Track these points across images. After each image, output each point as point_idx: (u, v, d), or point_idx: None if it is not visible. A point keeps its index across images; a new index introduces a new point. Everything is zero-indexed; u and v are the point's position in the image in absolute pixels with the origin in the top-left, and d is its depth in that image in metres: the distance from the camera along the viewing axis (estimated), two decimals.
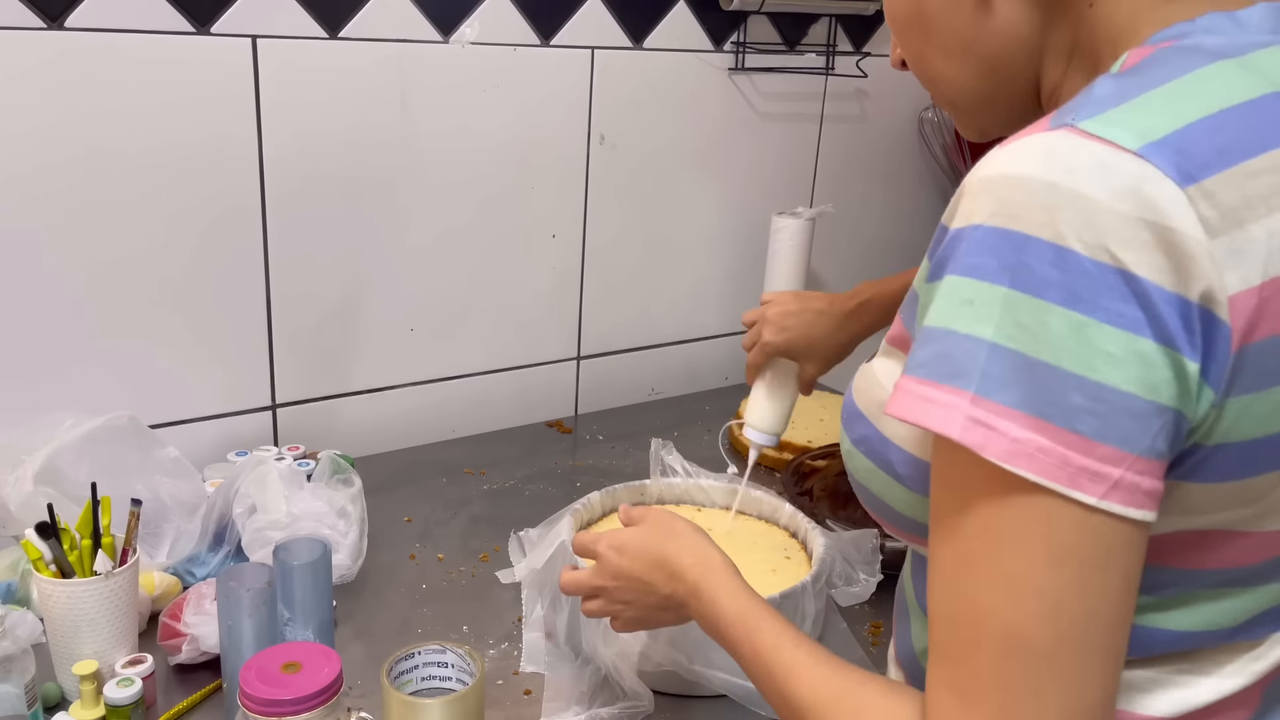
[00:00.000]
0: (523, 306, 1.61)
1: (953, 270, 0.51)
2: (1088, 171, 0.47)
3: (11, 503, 1.04)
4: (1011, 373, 0.48)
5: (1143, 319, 0.47)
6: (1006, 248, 0.48)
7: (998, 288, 0.48)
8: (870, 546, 1.15)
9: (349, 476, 1.20)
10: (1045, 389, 0.47)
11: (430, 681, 0.93)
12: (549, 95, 1.53)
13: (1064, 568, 0.49)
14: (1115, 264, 0.47)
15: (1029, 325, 0.48)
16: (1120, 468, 0.47)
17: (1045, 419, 0.47)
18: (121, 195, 1.24)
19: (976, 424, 0.48)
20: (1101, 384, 0.47)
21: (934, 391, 0.50)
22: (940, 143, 2.00)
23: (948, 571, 0.53)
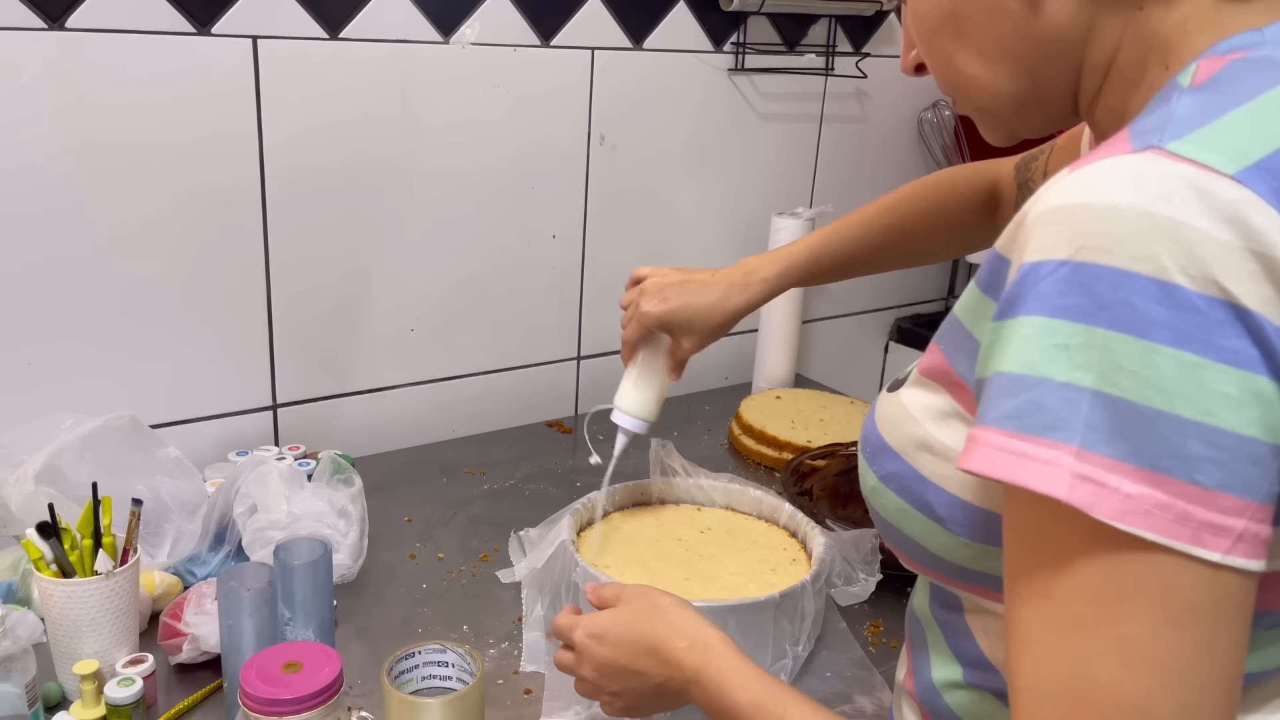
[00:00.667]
0: (522, 306, 1.61)
1: (1035, 310, 0.46)
2: (1185, 199, 0.44)
3: (12, 502, 1.04)
4: (1119, 423, 0.44)
5: (1258, 356, 0.43)
6: (1102, 285, 0.44)
7: (1095, 329, 0.44)
8: (870, 546, 1.15)
9: (349, 476, 1.20)
10: (1158, 438, 0.44)
11: (430, 681, 0.93)
12: (549, 95, 1.53)
13: (1186, 631, 0.45)
14: (1225, 298, 0.43)
15: (1135, 370, 0.44)
16: (1244, 518, 0.44)
17: (1161, 471, 0.44)
18: (121, 195, 1.25)
19: (1084, 480, 0.44)
20: (1220, 429, 0.43)
21: (1028, 446, 0.46)
22: (940, 143, 2.00)
23: (1044, 639, 0.48)
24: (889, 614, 1.16)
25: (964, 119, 1.95)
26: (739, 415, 1.60)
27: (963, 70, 0.61)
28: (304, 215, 1.38)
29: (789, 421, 1.56)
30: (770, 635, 1.00)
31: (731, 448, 1.59)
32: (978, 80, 0.61)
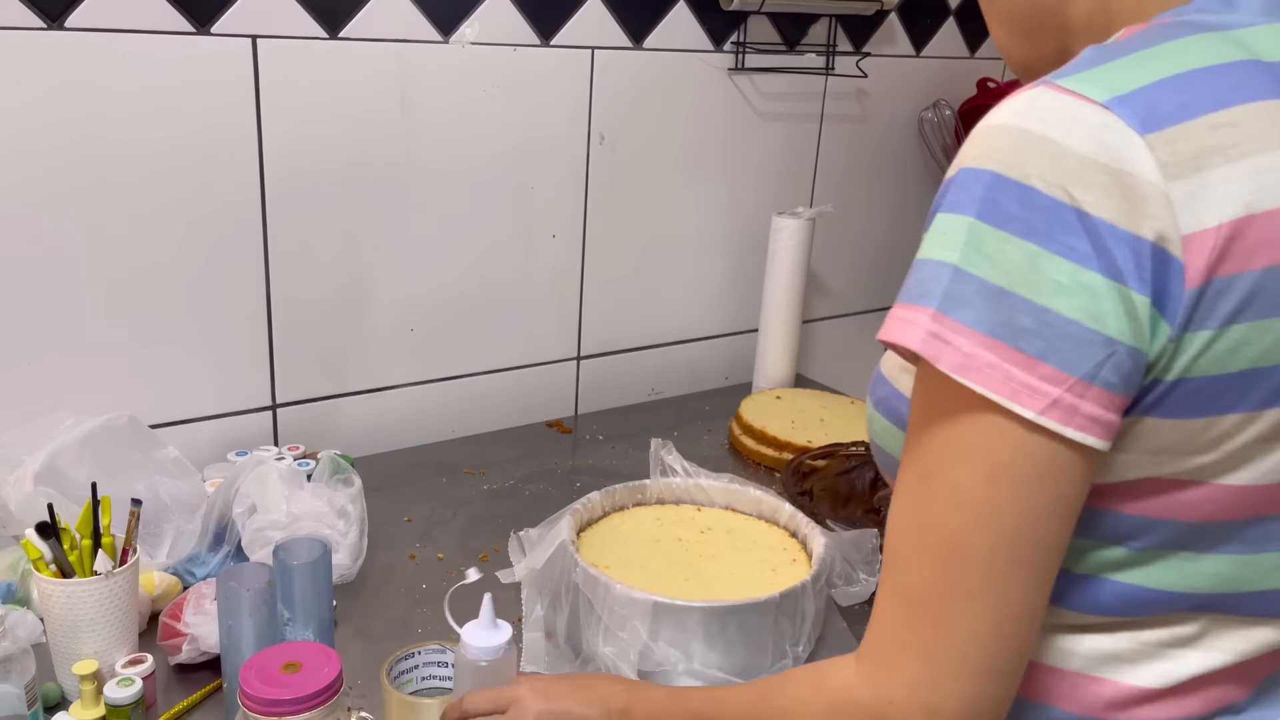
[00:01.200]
0: (523, 306, 1.61)
1: (937, 209, 0.57)
2: (1057, 121, 0.53)
3: (11, 503, 1.04)
4: (969, 295, 0.53)
5: (1092, 253, 0.51)
6: (978, 185, 0.54)
7: (965, 219, 0.54)
8: (870, 546, 1.15)
9: (349, 476, 1.20)
10: (997, 311, 0.52)
11: (430, 681, 0.93)
12: (549, 95, 1.53)
13: (1000, 485, 0.54)
14: (1072, 202, 0.52)
15: (990, 254, 0.53)
16: (1060, 388, 0.52)
17: (995, 338, 0.52)
18: (122, 195, 1.25)
19: (934, 338, 0.54)
20: (1048, 309, 0.52)
21: (905, 311, 0.56)
22: (940, 143, 2.00)
23: (906, 487, 0.58)
24: None
25: (964, 119, 1.95)
26: (739, 415, 1.60)
27: (995, 36, 0.72)
28: (304, 215, 1.38)
29: (789, 421, 1.56)
30: (770, 635, 1.00)
31: (731, 448, 1.59)
32: (1002, 46, 0.72)
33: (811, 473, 1.38)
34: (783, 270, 1.71)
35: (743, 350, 1.87)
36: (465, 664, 0.85)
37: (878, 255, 2.03)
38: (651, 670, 0.99)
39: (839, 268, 1.98)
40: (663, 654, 0.98)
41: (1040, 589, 0.56)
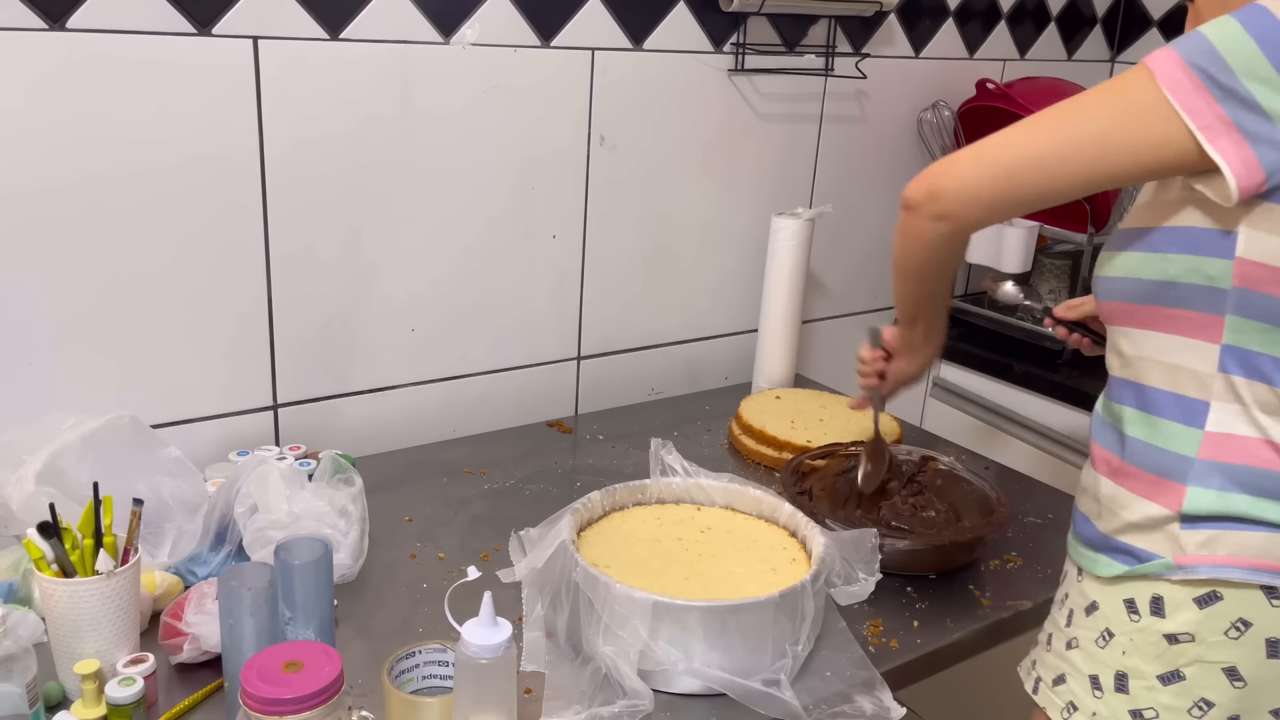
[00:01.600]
0: (523, 306, 1.61)
1: (1227, 12, 0.80)
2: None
3: (13, 502, 1.04)
4: (1206, 55, 0.78)
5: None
6: (1252, 9, 0.79)
7: (1233, 20, 0.78)
8: (870, 546, 1.15)
9: (350, 476, 1.20)
10: (1217, 75, 0.78)
11: (431, 680, 0.93)
12: (549, 96, 1.53)
13: (1110, 94, 0.83)
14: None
15: (1231, 37, 0.78)
16: (1223, 125, 0.78)
17: (1204, 82, 0.78)
18: (123, 195, 1.25)
19: (1162, 58, 0.80)
20: (1249, 90, 0.77)
21: (1159, 51, 0.82)
22: (939, 143, 2.01)
23: (1049, 109, 0.86)
24: (889, 614, 1.16)
25: (963, 119, 1.95)
26: (739, 415, 1.60)
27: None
28: (305, 215, 1.38)
29: (789, 421, 1.57)
30: (770, 635, 1.00)
31: (731, 448, 1.59)
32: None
33: (811, 472, 1.38)
34: (782, 270, 1.71)
35: (742, 350, 1.87)
36: (465, 662, 0.85)
37: (877, 255, 2.04)
38: (651, 670, 0.99)
39: (838, 268, 1.98)
40: (663, 653, 0.98)
41: (1060, 157, 0.84)
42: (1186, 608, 0.86)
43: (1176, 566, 0.86)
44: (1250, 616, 0.84)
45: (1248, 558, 0.84)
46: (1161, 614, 0.87)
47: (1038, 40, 2.15)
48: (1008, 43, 2.09)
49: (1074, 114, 0.84)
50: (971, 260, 2.06)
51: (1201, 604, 0.85)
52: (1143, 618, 0.88)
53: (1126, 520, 0.91)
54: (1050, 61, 2.18)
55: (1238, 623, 0.84)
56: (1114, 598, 0.91)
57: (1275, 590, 0.83)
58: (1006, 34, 2.08)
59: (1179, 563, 0.86)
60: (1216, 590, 0.85)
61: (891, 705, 1.01)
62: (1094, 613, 0.92)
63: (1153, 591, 0.88)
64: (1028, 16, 2.10)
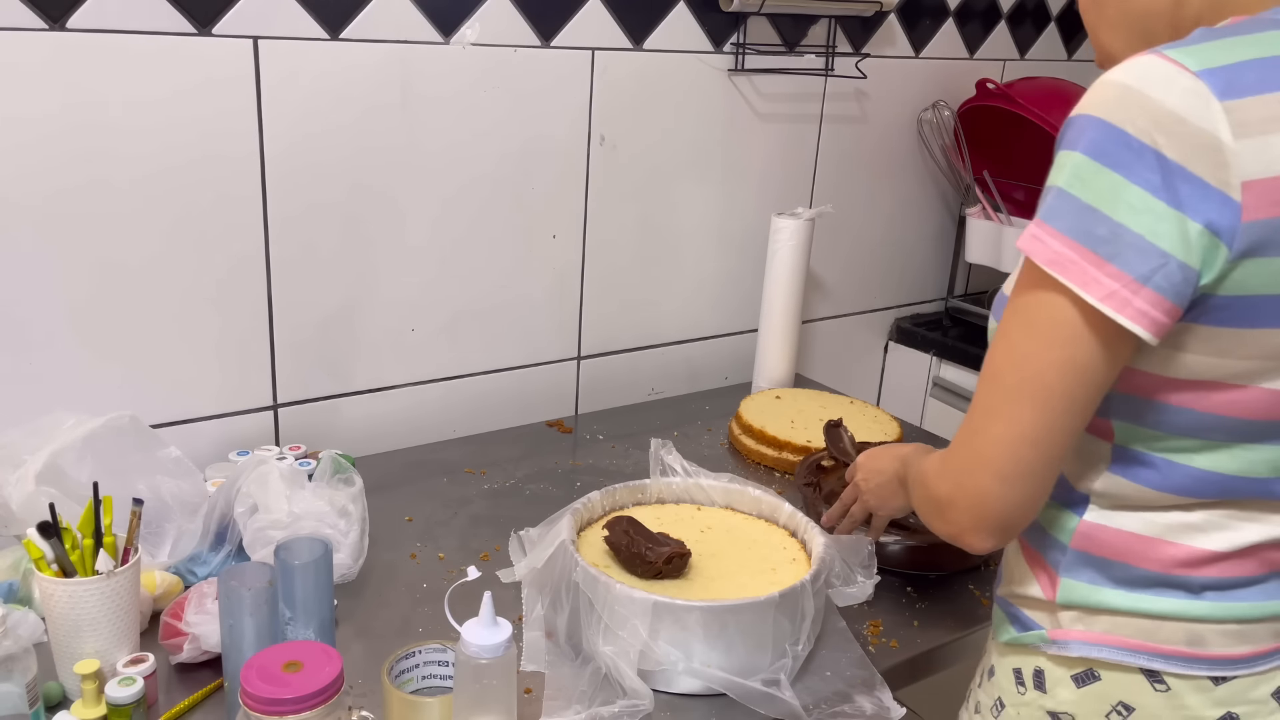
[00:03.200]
0: (523, 306, 1.61)
1: (1061, 148, 0.72)
2: (1155, 81, 0.68)
3: (13, 502, 1.04)
4: (1065, 209, 0.70)
5: (1161, 186, 0.67)
6: (1088, 127, 0.70)
7: (1074, 154, 0.70)
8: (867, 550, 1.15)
9: (350, 476, 1.20)
10: (1083, 222, 0.69)
11: (431, 680, 0.93)
12: (549, 96, 1.53)
13: (1039, 339, 0.72)
14: (1154, 146, 0.67)
15: (1086, 179, 0.69)
16: (1119, 283, 0.68)
17: (1077, 240, 0.69)
18: (123, 195, 1.25)
19: (1034, 238, 0.72)
20: (1121, 224, 0.68)
21: (1029, 225, 0.73)
22: (939, 143, 2.01)
23: (995, 344, 0.76)
24: (889, 614, 1.16)
25: (963, 119, 1.95)
26: (739, 415, 1.60)
27: (1103, 43, 0.85)
28: (305, 215, 1.38)
29: (789, 421, 1.57)
30: (770, 635, 1.00)
31: (731, 448, 1.59)
32: (1110, 46, 0.84)
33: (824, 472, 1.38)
34: (782, 270, 1.71)
35: (742, 350, 1.87)
36: (465, 661, 0.85)
37: (877, 255, 2.04)
38: (651, 670, 0.99)
39: (838, 268, 1.98)
40: (663, 653, 0.98)
41: (1045, 427, 0.73)
42: (1065, 685, 0.82)
43: (1050, 641, 0.83)
44: (1132, 701, 0.80)
45: (1122, 636, 0.80)
46: (1043, 689, 0.84)
47: (1038, 40, 2.15)
48: (1008, 43, 2.09)
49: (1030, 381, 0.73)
50: (971, 260, 2.06)
51: (1079, 682, 0.82)
52: (1028, 690, 0.85)
53: (1013, 588, 0.87)
54: (1050, 61, 2.19)
55: (1119, 706, 0.80)
56: (1005, 665, 0.87)
57: (1158, 675, 0.79)
58: (1006, 34, 2.08)
59: (1053, 637, 0.83)
60: (1093, 669, 0.81)
61: (891, 705, 1.01)
62: (992, 677, 0.89)
63: (1035, 663, 0.84)
64: (1028, 16, 2.10)
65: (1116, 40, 0.82)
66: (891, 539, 1.19)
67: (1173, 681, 0.78)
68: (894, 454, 1.04)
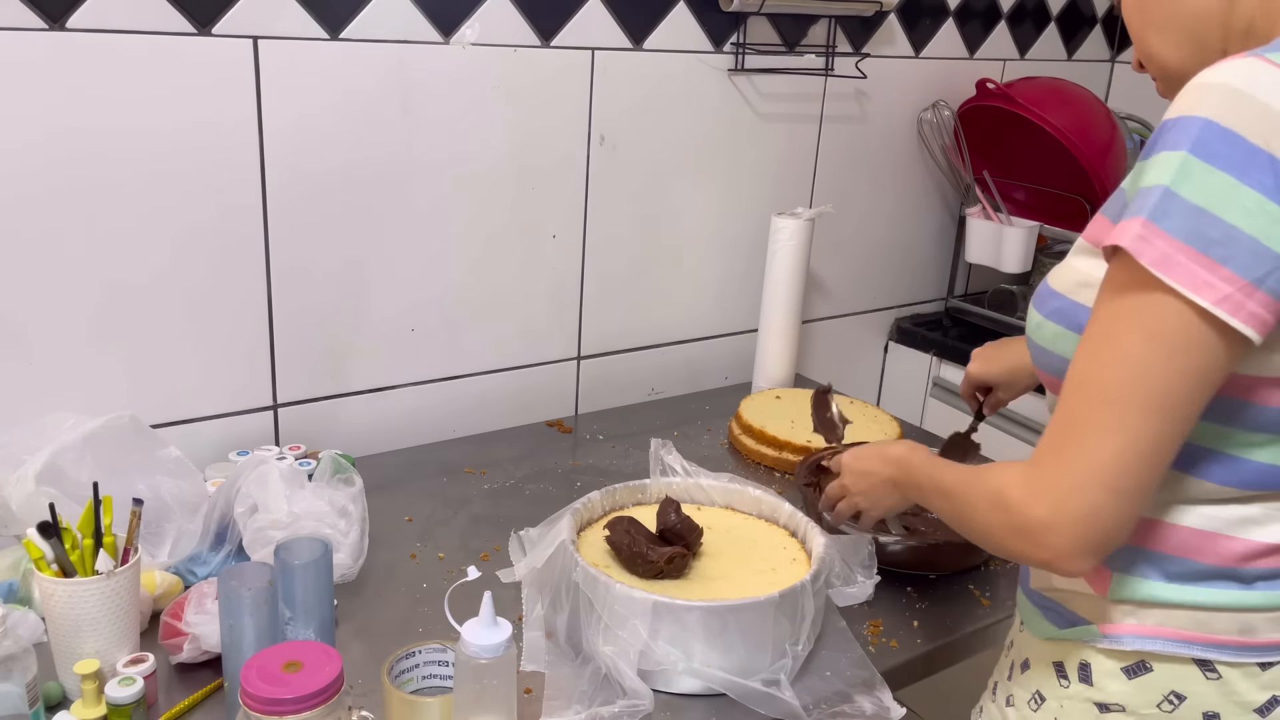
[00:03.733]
0: (523, 306, 1.61)
1: (1159, 149, 0.70)
2: (1266, 85, 0.68)
3: (13, 502, 1.04)
4: (1174, 210, 0.68)
5: (1275, 189, 0.67)
6: (1193, 127, 0.68)
7: (1179, 153, 0.68)
8: (867, 550, 1.15)
9: (350, 476, 1.20)
10: (1194, 224, 0.67)
11: (431, 680, 0.93)
12: (549, 96, 1.53)
13: (1157, 348, 0.69)
14: (1268, 149, 0.67)
15: (1196, 180, 0.67)
16: (1233, 287, 0.67)
17: (1189, 244, 0.67)
18: (123, 195, 1.25)
19: (1141, 239, 0.69)
20: (1234, 226, 0.67)
21: (1124, 223, 0.70)
22: (939, 143, 2.01)
23: (1085, 345, 0.73)
24: (889, 614, 1.16)
25: (963, 119, 1.95)
26: (739, 415, 1.60)
27: (1149, 46, 0.83)
28: (305, 215, 1.38)
29: (789, 421, 1.57)
30: (770, 635, 1.00)
31: (731, 448, 1.59)
32: (1157, 50, 0.82)
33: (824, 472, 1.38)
34: (782, 270, 1.71)
35: (742, 350, 1.87)
36: (465, 661, 0.85)
37: (877, 255, 2.04)
38: (651, 670, 0.99)
39: (839, 268, 1.98)
40: (663, 653, 0.98)
41: (1163, 437, 0.70)
42: (1115, 677, 0.81)
43: (1102, 635, 0.81)
44: (1184, 690, 0.79)
45: (1176, 628, 0.79)
46: (1089, 681, 0.82)
47: (1038, 40, 2.15)
48: (1008, 43, 2.09)
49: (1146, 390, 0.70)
50: (971, 260, 2.06)
51: (1130, 674, 0.81)
52: (1071, 684, 0.84)
53: (1053, 582, 0.86)
54: (1050, 61, 2.18)
55: (1170, 696, 0.80)
56: (1044, 658, 0.86)
57: (1210, 664, 0.79)
58: (1006, 34, 2.08)
59: (1104, 631, 0.81)
60: (1145, 660, 0.80)
61: (891, 705, 1.01)
62: (1027, 671, 0.88)
63: (1081, 657, 0.83)
64: (1028, 16, 2.10)
65: (1165, 44, 0.81)
66: (891, 539, 1.19)
67: (1224, 670, 0.79)
68: (883, 456, 1.02)
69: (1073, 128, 1.83)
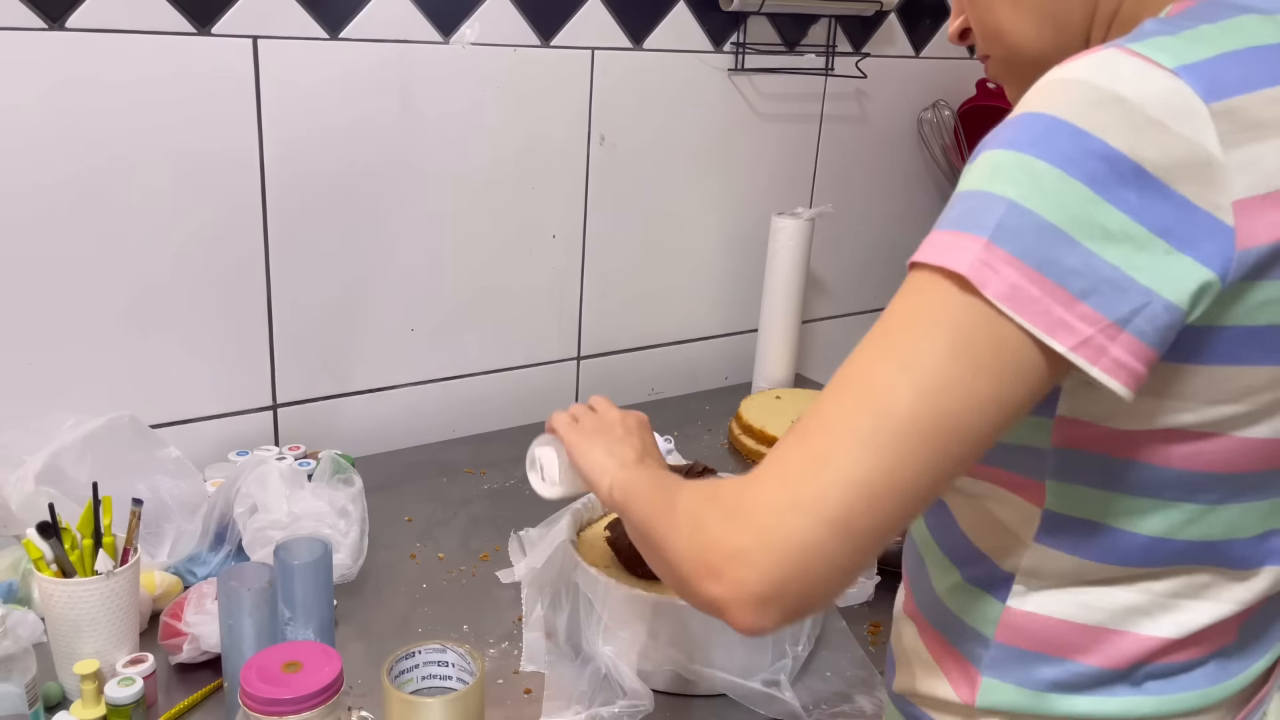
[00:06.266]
0: (523, 306, 1.61)
1: (990, 146, 0.56)
2: (1127, 80, 0.54)
3: (13, 502, 1.04)
4: (1023, 228, 0.53)
5: (1141, 207, 0.53)
6: (1039, 126, 0.54)
7: (1023, 155, 0.54)
8: None
9: (350, 476, 1.20)
10: (1047, 247, 0.53)
11: (431, 681, 0.93)
12: (549, 96, 1.53)
13: (964, 363, 0.54)
14: (1133, 157, 0.53)
15: (1048, 191, 0.53)
16: (1094, 328, 0.53)
17: (1041, 272, 0.53)
18: (122, 195, 1.25)
19: (984, 265, 0.53)
20: (1093, 253, 0.53)
21: (949, 238, 0.55)
22: (939, 143, 2.01)
23: (864, 346, 0.58)
24: (888, 614, 1.16)
25: (963, 119, 1.95)
26: (739, 415, 1.60)
27: (999, 21, 0.70)
28: (304, 214, 1.38)
29: (789, 422, 1.56)
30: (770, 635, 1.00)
31: (731, 448, 1.59)
32: (1011, 29, 0.69)
33: None
34: (782, 270, 1.71)
35: (742, 350, 1.87)
36: None
37: (877, 255, 2.04)
38: (651, 670, 0.99)
39: (839, 268, 1.98)
40: (663, 653, 0.98)
41: (928, 475, 0.55)
42: None
43: None
44: None
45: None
46: None
47: None
48: None
49: (935, 414, 0.54)
50: None
51: None
52: None
53: (915, 687, 0.72)
54: None
55: None
56: None
57: None
58: None
59: None
60: None
61: None
62: None
63: None
64: None
65: (1019, 22, 0.69)
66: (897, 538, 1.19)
67: None
68: (635, 432, 0.87)
69: None
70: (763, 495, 0.56)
